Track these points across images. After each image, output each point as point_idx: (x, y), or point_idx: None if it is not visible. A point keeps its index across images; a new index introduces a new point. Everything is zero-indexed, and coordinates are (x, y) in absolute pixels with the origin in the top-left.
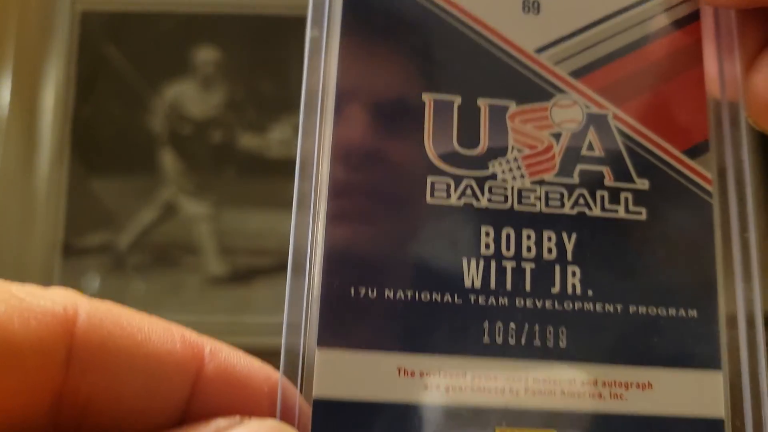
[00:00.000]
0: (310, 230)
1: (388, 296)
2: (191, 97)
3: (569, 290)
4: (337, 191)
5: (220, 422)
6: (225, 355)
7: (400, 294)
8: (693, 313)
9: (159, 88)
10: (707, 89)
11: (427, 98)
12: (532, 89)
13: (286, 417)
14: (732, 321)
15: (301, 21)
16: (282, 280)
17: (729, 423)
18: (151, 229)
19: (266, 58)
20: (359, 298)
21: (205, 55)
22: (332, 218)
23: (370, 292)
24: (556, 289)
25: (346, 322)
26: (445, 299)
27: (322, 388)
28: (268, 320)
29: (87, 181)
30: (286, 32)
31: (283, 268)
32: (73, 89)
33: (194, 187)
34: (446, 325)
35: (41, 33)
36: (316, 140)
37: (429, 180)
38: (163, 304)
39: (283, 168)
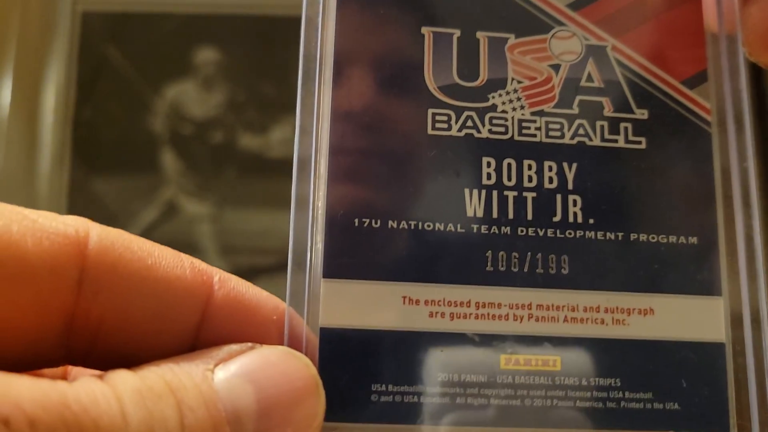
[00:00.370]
0: (312, 162)
1: (391, 226)
2: (192, 97)
3: (570, 218)
4: (339, 123)
5: (233, 347)
6: (234, 284)
7: (404, 224)
8: (693, 240)
9: (160, 88)
10: (705, 21)
11: (426, 31)
12: (530, 22)
13: (294, 345)
14: (732, 248)
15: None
16: (283, 279)
17: (729, 347)
18: (153, 229)
19: (267, 58)
20: (363, 229)
21: (206, 56)
22: (335, 150)
23: (373, 222)
24: (557, 217)
25: (350, 253)
26: (448, 228)
27: (328, 318)
28: None
29: (88, 181)
30: (287, 33)
31: (284, 267)
32: (74, 90)
33: (195, 187)
34: (449, 254)
35: (42, 34)
36: (317, 71)
37: (430, 112)
38: None
39: (284, 168)
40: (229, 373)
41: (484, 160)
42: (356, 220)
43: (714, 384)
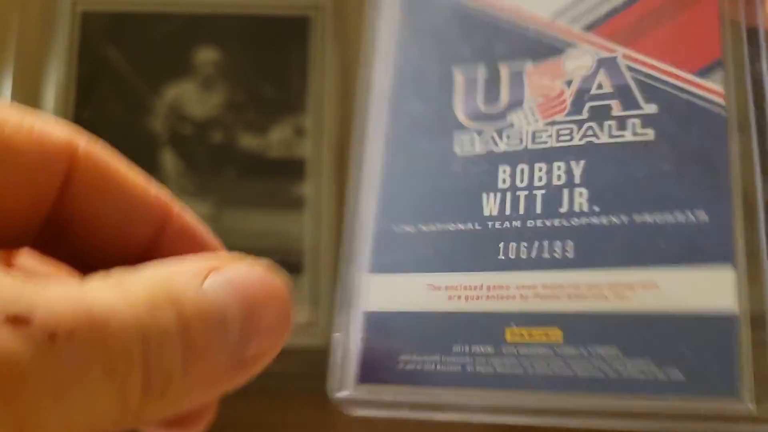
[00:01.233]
0: (361, 188)
1: (422, 230)
2: (191, 97)
3: (576, 208)
4: (388, 155)
5: (221, 256)
6: (190, 218)
7: (432, 227)
8: (701, 214)
9: (159, 88)
10: (726, 10)
11: (457, 71)
12: (546, 48)
13: None
14: (750, 219)
15: (301, 22)
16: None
17: (745, 317)
18: None
19: (266, 59)
20: (400, 234)
21: (206, 56)
22: (384, 175)
23: (408, 228)
24: (563, 208)
25: (390, 252)
26: (467, 227)
27: (372, 304)
28: None
29: None
30: (287, 33)
31: (284, 266)
32: (74, 90)
33: (194, 187)
34: (468, 247)
35: (42, 34)
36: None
37: (457, 135)
38: None
39: (283, 168)
40: (219, 283)
41: (500, 168)
42: (395, 227)
43: (722, 353)
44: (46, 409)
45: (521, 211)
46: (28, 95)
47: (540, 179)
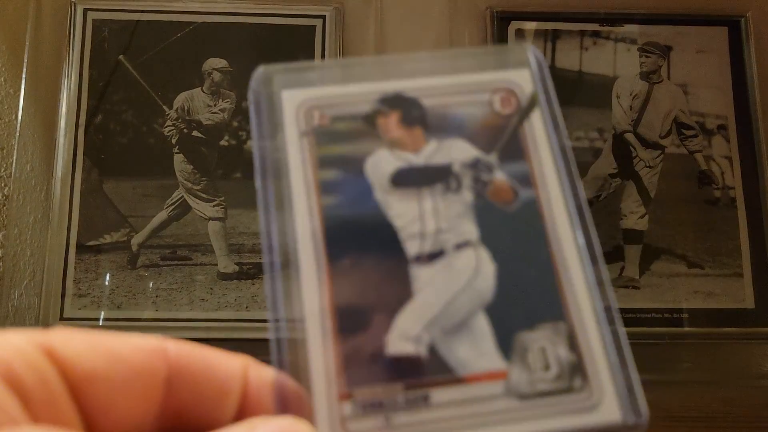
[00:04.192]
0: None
1: None
2: (200, 103)
3: None
4: None
5: (254, 421)
6: (261, 372)
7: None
8: None
9: (169, 94)
10: None
11: None
12: None
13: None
14: None
15: (307, 30)
16: None
17: None
18: (162, 230)
19: None
20: None
21: (214, 64)
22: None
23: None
24: None
25: None
26: None
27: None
28: None
29: (100, 183)
30: (293, 41)
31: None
32: (87, 96)
33: (203, 190)
34: None
35: (55, 42)
36: None
37: None
38: (175, 299)
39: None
40: None
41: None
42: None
43: None
44: None
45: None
46: (42, 101)
47: None
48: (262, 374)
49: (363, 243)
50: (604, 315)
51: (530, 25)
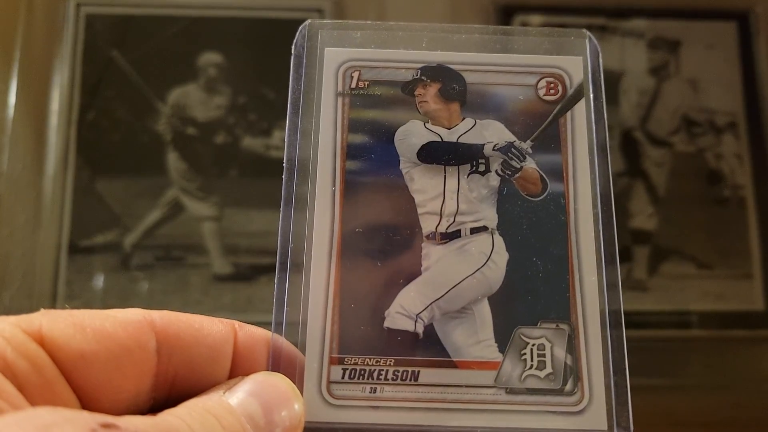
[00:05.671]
0: None
1: None
2: (195, 99)
3: None
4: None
5: (233, 380)
6: (247, 330)
7: None
8: None
9: (163, 91)
10: None
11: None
12: None
13: (279, 363)
14: None
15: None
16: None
17: None
18: (156, 230)
19: (268, 61)
20: None
21: (209, 59)
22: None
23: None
24: None
25: None
26: None
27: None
28: (269, 318)
29: (92, 182)
30: (288, 36)
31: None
32: (79, 92)
33: (198, 188)
34: None
35: (47, 37)
36: None
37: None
38: (169, 302)
39: None
40: (239, 395)
41: None
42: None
43: None
44: None
45: None
46: (33, 97)
47: None
48: (252, 334)
49: (379, 213)
50: (611, 321)
51: (535, 19)
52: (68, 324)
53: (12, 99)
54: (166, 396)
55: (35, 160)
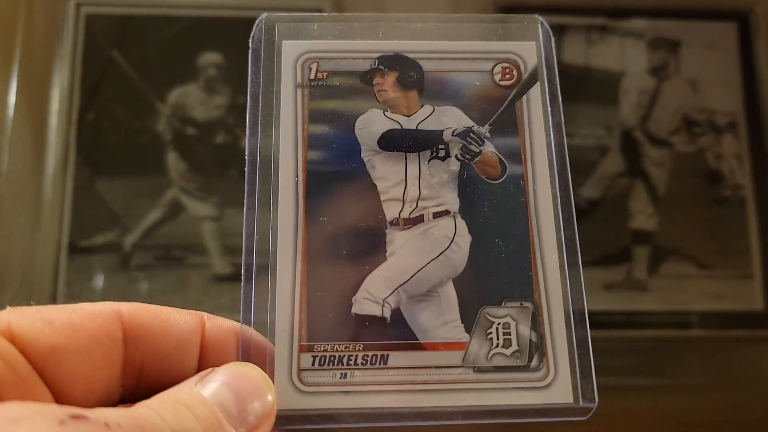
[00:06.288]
0: None
1: None
2: (195, 99)
3: None
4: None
5: (205, 371)
6: (216, 322)
7: None
8: None
9: (163, 91)
10: None
11: None
12: None
13: (249, 353)
14: None
15: None
16: None
17: None
18: (156, 230)
19: None
20: None
21: (209, 59)
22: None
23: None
24: None
25: None
26: None
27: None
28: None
29: (92, 182)
30: None
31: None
32: (79, 92)
33: (198, 188)
34: None
35: (47, 37)
36: None
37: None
38: (169, 302)
39: None
40: (211, 385)
41: None
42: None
43: None
44: None
45: None
46: (33, 97)
47: None
48: (220, 326)
49: (343, 201)
50: (572, 297)
51: None
52: (36, 319)
53: (12, 99)
54: (134, 386)
55: (35, 160)
